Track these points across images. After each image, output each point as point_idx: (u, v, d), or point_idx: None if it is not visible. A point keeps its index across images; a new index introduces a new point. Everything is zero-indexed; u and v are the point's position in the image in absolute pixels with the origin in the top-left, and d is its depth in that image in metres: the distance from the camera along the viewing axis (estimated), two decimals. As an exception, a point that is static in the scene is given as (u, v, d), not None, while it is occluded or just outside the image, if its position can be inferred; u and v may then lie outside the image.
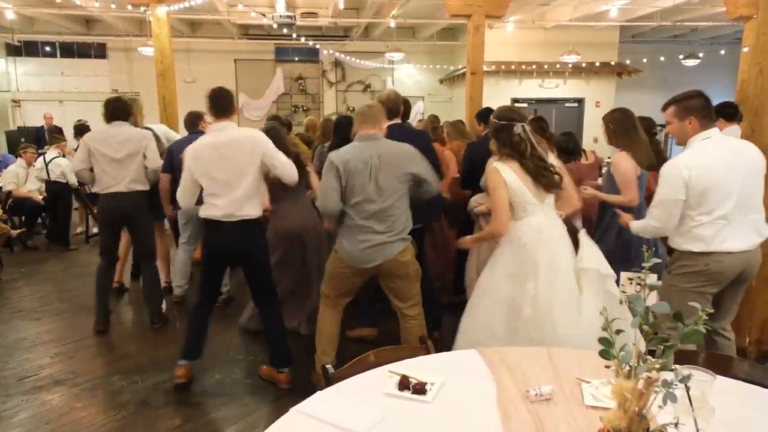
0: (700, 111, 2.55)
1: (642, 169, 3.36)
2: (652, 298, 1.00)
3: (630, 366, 1.02)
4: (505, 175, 2.71)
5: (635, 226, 2.86)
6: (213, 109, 3.11)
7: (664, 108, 2.67)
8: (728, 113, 4.47)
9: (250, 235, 3.13)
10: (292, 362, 3.34)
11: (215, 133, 3.11)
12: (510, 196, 2.72)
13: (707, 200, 2.53)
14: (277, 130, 3.66)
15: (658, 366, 0.99)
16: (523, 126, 2.75)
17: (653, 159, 3.39)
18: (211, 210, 3.08)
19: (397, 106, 3.70)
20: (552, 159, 2.90)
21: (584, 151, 4.96)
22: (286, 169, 3.14)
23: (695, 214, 2.56)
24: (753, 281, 3.34)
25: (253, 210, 3.10)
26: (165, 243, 5.00)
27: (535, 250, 2.70)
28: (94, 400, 3.18)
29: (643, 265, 1.02)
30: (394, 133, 3.18)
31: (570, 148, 4.40)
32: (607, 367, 1.10)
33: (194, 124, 4.60)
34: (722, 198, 2.53)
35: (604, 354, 1.08)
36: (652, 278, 1.01)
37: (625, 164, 3.29)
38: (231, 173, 3.02)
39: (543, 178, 2.73)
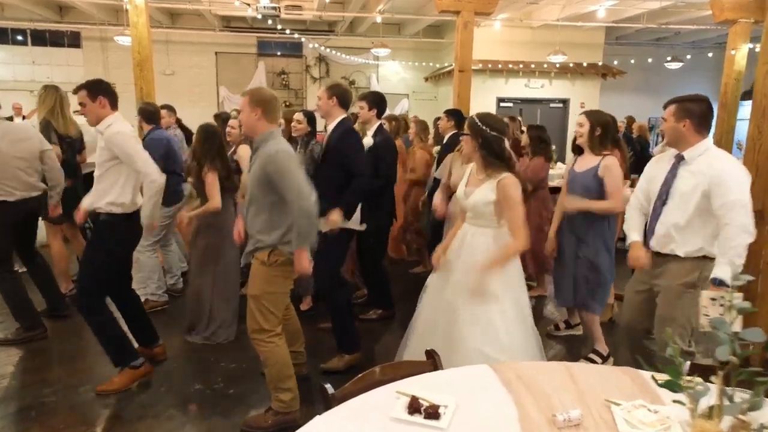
0: (698, 116, 2.49)
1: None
2: (738, 323, 0.83)
3: (710, 405, 0.85)
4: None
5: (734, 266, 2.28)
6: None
7: (665, 106, 2.63)
8: None
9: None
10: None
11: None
12: None
13: None
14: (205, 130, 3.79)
15: (746, 406, 0.82)
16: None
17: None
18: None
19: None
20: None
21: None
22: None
23: None
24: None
25: None
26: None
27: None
28: (62, 414, 2.91)
29: (732, 282, 0.85)
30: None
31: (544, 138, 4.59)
32: (675, 401, 0.93)
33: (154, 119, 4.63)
34: None
35: (672, 386, 0.91)
36: (738, 298, 0.85)
37: (619, 170, 3.30)
38: None
39: None
